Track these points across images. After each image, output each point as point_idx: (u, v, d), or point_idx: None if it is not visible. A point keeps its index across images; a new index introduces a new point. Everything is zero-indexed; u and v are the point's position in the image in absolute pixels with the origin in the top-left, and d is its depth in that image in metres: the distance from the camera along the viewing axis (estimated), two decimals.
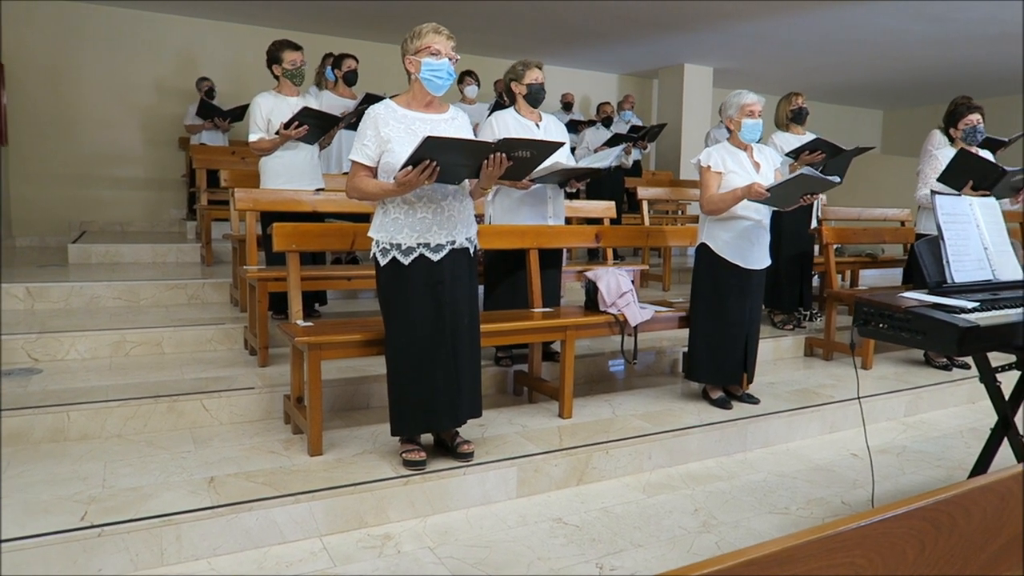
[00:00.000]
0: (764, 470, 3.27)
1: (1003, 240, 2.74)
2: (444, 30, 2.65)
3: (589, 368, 4.09)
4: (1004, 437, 2.60)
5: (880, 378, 4.36)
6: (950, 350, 2.12)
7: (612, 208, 4.87)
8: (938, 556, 1.07)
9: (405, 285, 2.66)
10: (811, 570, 0.94)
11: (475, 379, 2.84)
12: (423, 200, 2.64)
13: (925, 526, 1.06)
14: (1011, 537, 1.18)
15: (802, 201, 3.37)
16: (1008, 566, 1.17)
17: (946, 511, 1.09)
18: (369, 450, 2.92)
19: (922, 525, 1.06)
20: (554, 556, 2.43)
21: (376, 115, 2.65)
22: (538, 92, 3.61)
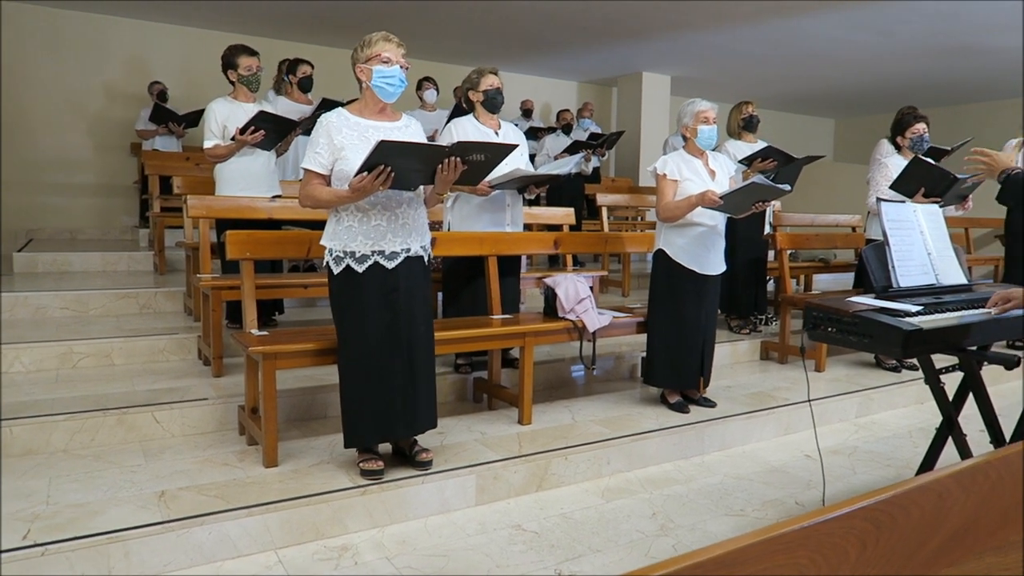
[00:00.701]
0: (721, 473, 3.32)
1: (946, 245, 2.83)
2: (394, 38, 2.65)
3: (549, 374, 4.10)
4: (948, 436, 2.68)
5: (833, 380, 4.46)
6: (895, 353, 2.18)
7: (571, 215, 4.91)
8: (879, 555, 1.09)
9: (359, 293, 2.64)
10: (756, 572, 0.95)
11: (431, 388, 2.83)
12: (377, 207, 2.63)
13: (867, 526, 1.09)
14: (949, 534, 1.21)
15: (754, 208, 3.44)
16: (947, 562, 1.20)
17: (887, 510, 1.12)
18: (326, 460, 2.88)
19: (864, 525, 1.08)
20: (513, 563, 2.43)
21: (329, 123, 2.64)
22: (495, 97, 3.62)
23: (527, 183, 3.74)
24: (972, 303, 2.48)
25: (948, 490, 1.23)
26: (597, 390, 4.06)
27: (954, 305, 2.44)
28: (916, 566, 1.15)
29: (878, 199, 2.74)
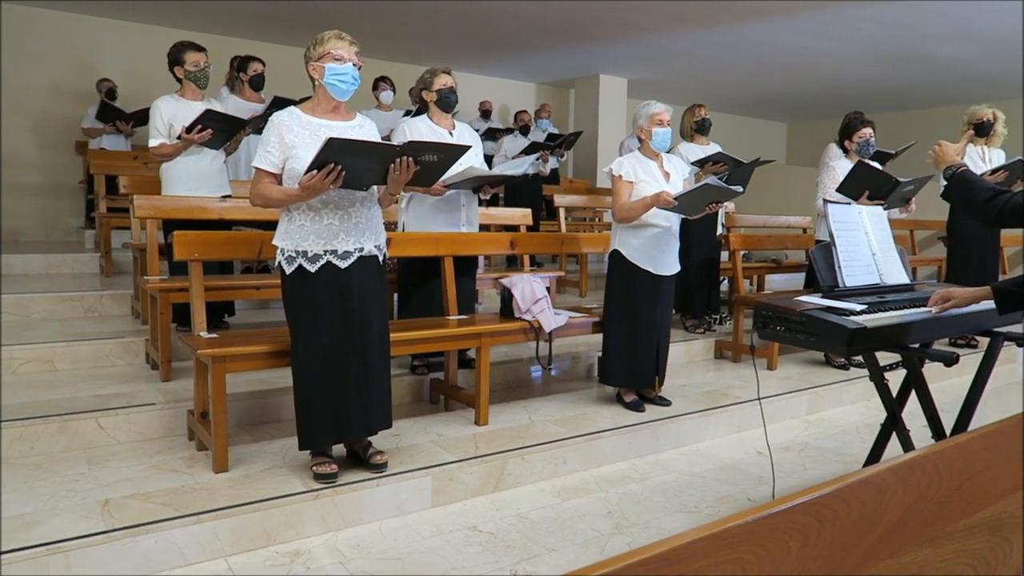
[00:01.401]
0: (675, 470, 3.36)
1: (890, 246, 2.92)
2: (347, 36, 2.63)
3: (506, 374, 4.10)
4: (893, 432, 2.76)
5: (784, 378, 4.55)
6: (840, 351, 2.24)
7: (528, 215, 4.92)
8: (820, 548, 1.12)
9: (312, 294, 2.61)
10: (700, 568, 0.96)
11: (385, 389, 2.81)
12: (329, 206, 2.60)
13: (808, 520, 1.11)
14: (888, 527, 1.24)
15: (708, 209, 3.50)
16: (886, 554, 1.23)
17: (828, 505, 1.14)
18: (278, 465, 2.83)
19: (805, 519, 1.10)
20: (468, 565, 2.42)
21: (280, 122, 2.60)
22: (448, 96, 3.61)
23: (481, 183, 3.73)
24: (914, 302, 2.56)
25: (887, 484, 1.26)
26: (554, 390, 4.08)
27: (897, 304, 2.51)
28: (856, 559, 1.18)
29: (825, 201, 2.81)
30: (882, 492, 1.24)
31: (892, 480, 1.27)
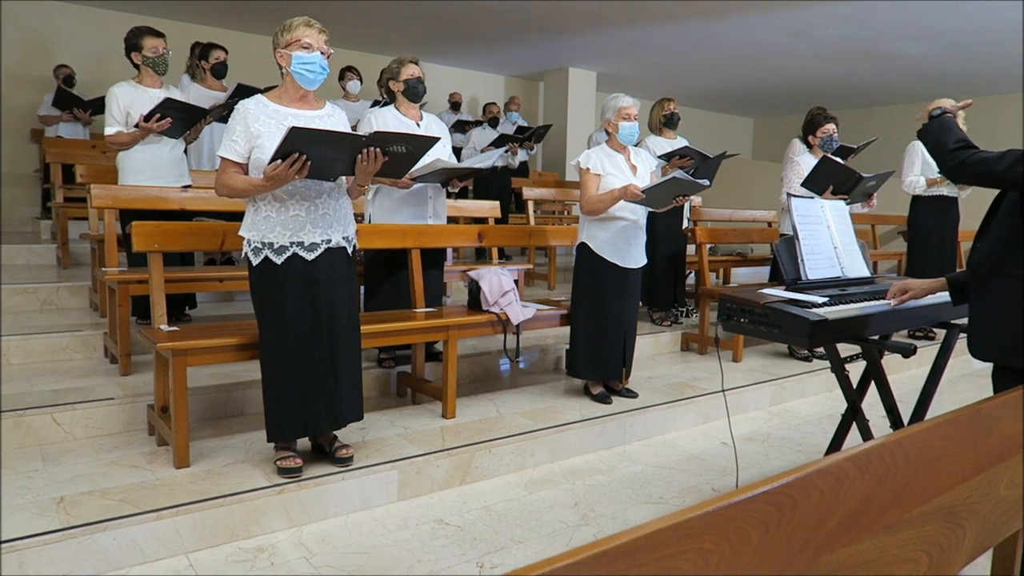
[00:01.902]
0: (642, 462, 3.38)
1: (851, 240, 2.97)
2: (316, 23, 2.58)
3: (474, 367, 4.09)
4: (853, 422, 2.82)
5: (749, 370, 4.61)
6: (802, 342, 2.27)
7: (497, 208, 4.91)
8: (780, 536, 1.13)
9: (279, 285, 2.57)
10: (661, 558, 0.97)
11: (355, 381, 2.78)
12: (295, 197, 2.56)
13: (769, 509, 1.12)
14: (847, 514, 1.26)
15: (675, 202, 3.52)
16: (844, 541, 1.25)
17: (788, 494, 1.15)
18: (242, 459, 2.79)
19: (766, 508, 1.11)
20: (435, 558, 2.41)
21: (246, 110, 2.55)
22: (416, 86, 3.58)
23: (449, 176, 3.71)
24: (874, 295, 2.60)
25: (846, 472, 1.28)
26: (522, 382, 4.08)
27: (857, 296, 2.56)
28: (815, 546, 1.20)
29: (788, 195, 2.84)
30: (840, 481, 1.26)
31: (850, 469, 1.28)
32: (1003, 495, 1.68)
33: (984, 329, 2.04)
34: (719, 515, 1.05)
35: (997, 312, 2.00)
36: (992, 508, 1.63)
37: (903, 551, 1.37)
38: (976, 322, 2.07)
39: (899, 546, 1.37)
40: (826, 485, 1.23)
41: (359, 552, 2.43)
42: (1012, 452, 1.73)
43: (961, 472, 1.55)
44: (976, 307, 2.07)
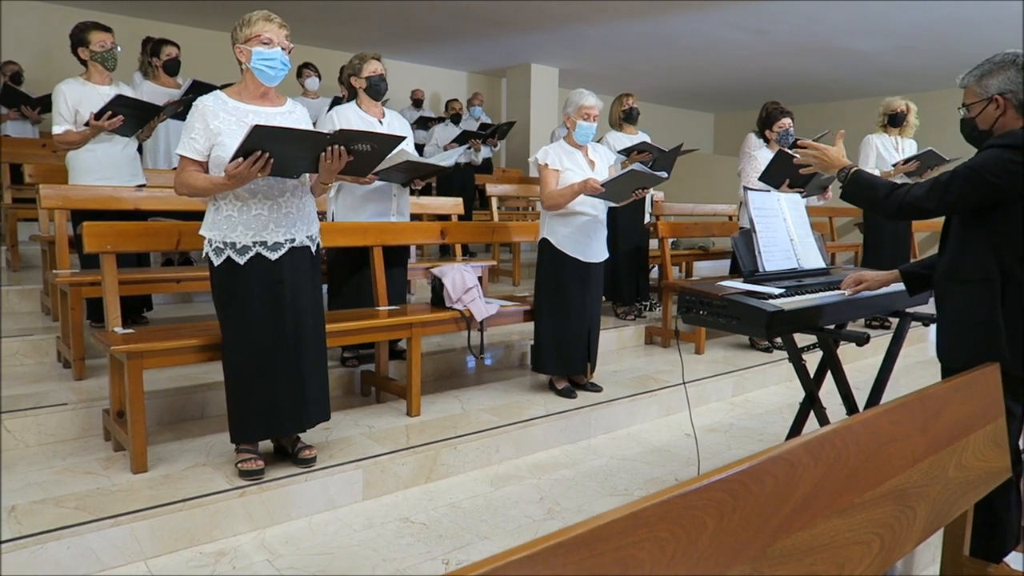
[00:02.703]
0: (607, 455, 3.41)
1: (807, 232, 3.02)
2: (276, 18, 2.55)
3: (439, 364, 4.08)
4: (811, 410, 2.87)
5: (711, 362, 4.68)
6: (760, 333, 2.31)
7: (459, 204, 4.90)
8: (735, 523, 1.15)
9: (242, 286, 2.54)
10: (617, 547, 0.98)
11: (322, 381, 2.76)
12: (258, 196, 2.53)
13: (723, 496, 1.14)
14: (800, 500, 1.29)
15: (634, 196, 3.55)
16: (798, 526, 1.28)
17: (742, 481, 1.18)
18: (202, 463, 2.74)
19: (720, 496, 1.13)
20: (400, 556, 2.40)
21: (204, 107, 2.51)
22: (378, 84, 3.55)
23: (412, 175, 3.69)
24: (829, 285, 2.66)
25: (799, 459, 1.31)
26: (487, 379, 4.08)
27: (813, 288, 2.61)
28: (770, 531, 1.22)
29: (745, 189, 2.88)
30: (794, 467, 1.28)
31: (803, 455, 1.31)
32: (952, 477, 1.73)
33: (947, 334, 2.11)
34: (674, 504, 1.07)
35: (957, 317, 2.07)
36: (941, 490, 1.68)
37: (856, 534, 1.41)
38: (940, 330, 2.13)
39: (852, 529, 1.40)
40: (780, 472, 1.26)
41: (323, 553, 2.41)
42: (960, 435, 1.79)
43: (911, 456, 1.60)
44: (941, 314, 2.14)
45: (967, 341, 2.04)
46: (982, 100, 2.03)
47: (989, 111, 2.03)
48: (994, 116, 2.02)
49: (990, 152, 1.95)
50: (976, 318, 2.01)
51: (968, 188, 1.95)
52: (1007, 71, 1.99)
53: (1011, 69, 1.99)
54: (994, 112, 2.02)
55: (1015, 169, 1.89)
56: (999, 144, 1.94)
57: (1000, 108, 2.00)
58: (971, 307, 2.02)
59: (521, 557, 0.89)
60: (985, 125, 2.04)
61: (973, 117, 2.07)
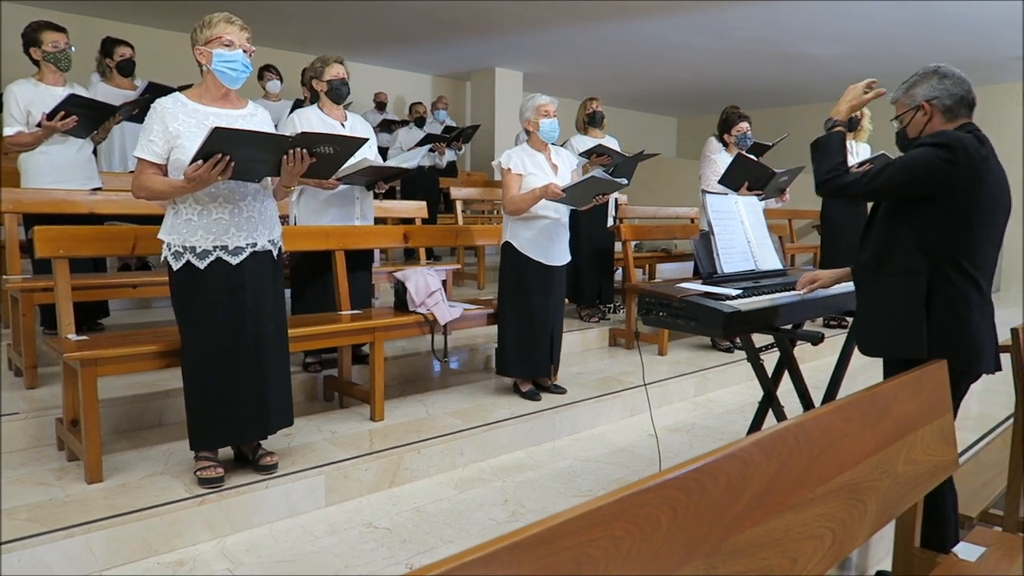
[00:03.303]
0: (571, 456, 3.43)
1: (764, 234, 3.09)
2: (237, 20, 2.52)
3: (403, 369, 4.07)
4: (769, 408, 2.93)
5: (674, 363, 4.73)
6: (717, 334, 2.35)
7: (423, 208, 4.89)
8: (689, 520, 1.17)
9: (202, 290, 2.51)
10: (572, 545, 0.99)
11: (284, 387, 2.73)
12: (218, 200, 2.50)
13: (677, 494, 1.16)
14: (753, 496, 1.32)
15: (595, 201, 3.58)
16: (751, 522, 1.31)
17: (696, 479, 1.20)
18: (160, 471, 2.69)
19: (674, 494, 1.15)
20: (363, 562, 2.39)
21: (163, 109, 2.47)
22: (340, 88, 3.53)
23: (375, 177, 3.67)
24: (786, 286, 2.72)
25: (752, 456, 1.34)
26: (452, 383, 4.08)
27: (769, 288, 2.67)
28: (724, 527, 1.24)
29: (704, 192, 2.93)
30: (747, 464, 1.31)
31: (756, 453, 1.34)
32: (901, 471, 1.78)
33: (870, 325, 2.18)
34: (629, 502, 1.08)
35: (881, 309, 2.14)
36: (891, 484, 1.73)
37: (808, 528, 1.44)
38: (861, 320, 2.20)
39: (804, 524, 1.43)
40: (733, 469, 1.29)
41: (285, 560, 2.38)
42: (909, 431, 1.84)
43: (861, 451, 1.64)
44: (864, 306, 2.21)
45: (889, 332, 2.12)
46: (911, 109, 2.15)
47: (918, 118, 2.14)
48: (922, 123, 2.14)
49: (921, 149, 2.04)
50: (901, 310, 2.08)
51: (900, 177, 2.05)
52: (930, 80, 2.11)
53: (933, 78, 2.11)
54: (922, 119, 2.13)
55: (942, 166, 1.98)
56: (931, 143, 2.03)
57: (927, 114, 2.12)
58: (897, 299, 2.10)
59: (476, 558, 0.89)
60: (915, 132, 2.16)
61: (905, 127, 2.17)
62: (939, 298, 2.04)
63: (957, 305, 2.04)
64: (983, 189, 2.01)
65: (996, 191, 2.05)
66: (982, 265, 2.07)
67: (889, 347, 2.13)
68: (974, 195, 2.00)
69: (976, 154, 2.00)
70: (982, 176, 2.01)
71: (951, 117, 2.10)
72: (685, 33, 8.16)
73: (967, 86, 2.10)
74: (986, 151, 2.04)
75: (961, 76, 2.11)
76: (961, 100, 2.09)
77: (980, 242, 2.04)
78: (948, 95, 2.09)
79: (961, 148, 1.98)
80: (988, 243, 2.07)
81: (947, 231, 2.02)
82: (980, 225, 2.03)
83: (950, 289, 2.04)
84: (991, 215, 2.05)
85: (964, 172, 1.98)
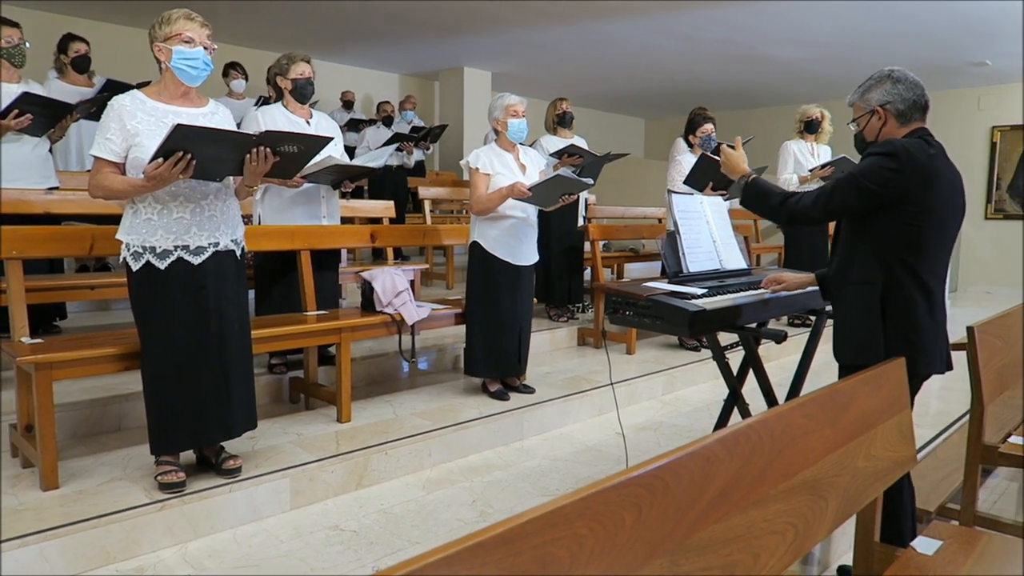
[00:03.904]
0: (539, 456, 3.43)
1: (729, 234, 3.12)
2: (198, 17, 2.48)
3: (371, 370, 4.03)
4: (734, 406, 2.96)
5: (642, 362, 4.77)
6: (683, 332, 2.37)
7: (391, 207, 4.86)
8: (653, 518, 1.17)
9: (162, 292, 2.46)
10: (536, 545, 0.98)
11: (248, 389, 2.70)
12: (179, 199, 2.45)
13: (641, 492, 1.16)
14: (716, 493, 1.33)
15: (562, 201, 3.59)
16: (715, 519, 1.32)
17: (659, 476, 1.20)
18: (119, 477, 2.63)
19: (638, 491, 1.16)
20: (329, 565, 2.36)
21: (121, 106, 2.42)
22: (304, 87, 3.49)
23: (341, 176, 3.64)
24: (750, 285, 2.75)
25: (715, 454, 1.35)
26: (420, 383, 4.05)
27: (734, 287, 2.70)
28: (688, 524, 1.25)
29: (669, 192, 2.96)
30: (710, 461, 1.32)
31: (719, 450, 1.35)
32: (861, 466, 1.81)
33: (839, 334, 2.22)
34: (593, 500, 1.08)
35: (846, 318, 2.19)
36: (851, 479, 1.76)
37: (771, 524, 1.46)
38: (834, 329, 2.25)
39: (767, 520, 1.45)
40: (696, 467, 1.29)
41: (249, 565, 2.34)
42: (868, 427, 1.87)
43: (822, 447, 1.67)
44: (834, 315, 2.26)
45: (853, 341, 2.17)
46: (866, 113, 2.19)
47: (873, 122, 2.18)
48: (877, 127, 2.17)
49: (868, 160, 2.08)
50: (860, 319, 2.13)
51: (849, 196, 2.09)
52: (884, 84, 2.15)
53: (887, 82, 2.15)
54: (877, 123, 2.17)
55: (892, 176, 2.02)
56: (876, 152, 2.07)
57: (882, 119, 2.15)
58: (857, 308, 2.14)
59: (439, 558, 0.89)
60: (871, 136, 2.19)
61: (862, 130, 2.21)
62: (892, 304, 2.09)
63: (908, 312, 2.08)
64: (932, 193, 2.05)
65: (948, 195, 2.09)
66: (934, 268, 2.11)
67: (855, 355, 2.16)
68: (923, 200, 2.04)
69: (923, 159, 2.04)
70: (930, 181, 2.04)
71: (904, 121, 2.14)
72: (652, 35, 8.22)
73: (920, 90, 2.14)
74: (935, 154, 2.08)
75: (914, 80, 2.14)
76: (914, 104, 2.13)
77: (931, 246, 2.08)
78: (901, 99, 2.12)
79: (906, 155, 2.02)
80: (940, 247, 2.11)
81: (898, 237, 2.06)
82: (931, 229, 2.07)
83: (901, 296, 2.08)
84: (942, 219, 2.09)
85: (911, 178, 2.02)
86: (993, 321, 2.68)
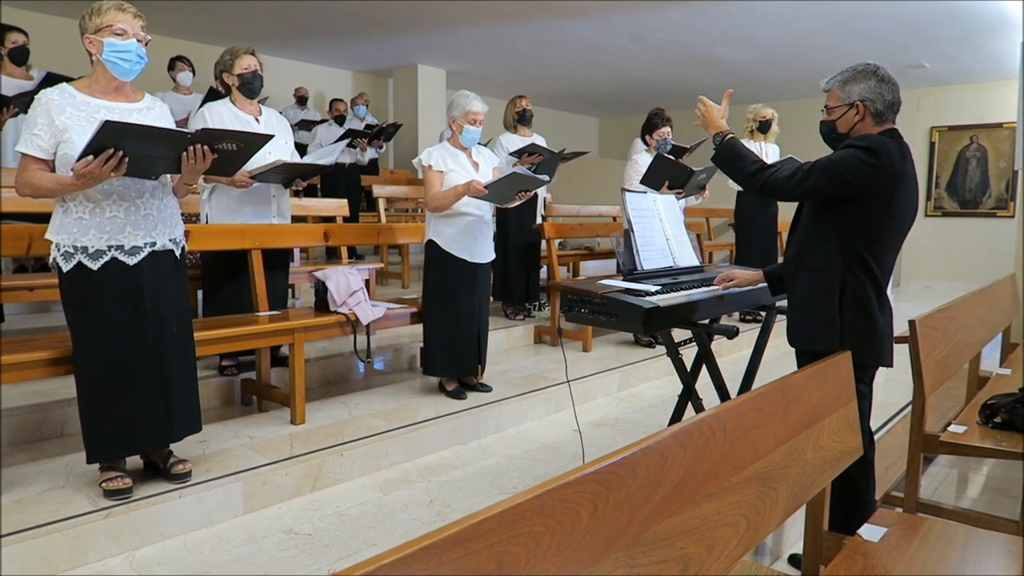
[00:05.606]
0: (496, 454, 3.43)
1: (682, 231, 3.16)
2: (130, 7, 2.39)
3: (325, 370, 3.98)
4: (688, 401, 3.01)
5: (598, 359, 4.80)
6: (637, 329, 2.39)
7: (344, 206, 4.80)
8: (609, 513, 1.18)
9: (96, 293, 2.37)
10: (492, 543, 0.98)
11: (190, 392, 2.61)
12: (112, 197, 2.36)
13: (597, 488, 1.17)
14: (671, 487, 1.34)
15: (518, 198, 3.59)
16: (670, 512, 1.33)
17: (615, 472, 1.21)
18: (61, 484, 2.54)
19: (594, 487, 1.16)
20: (283, 570, 2.32)
21: (48, 101, 2.32)
22: (251, 81, 3.41)
23: (292, 175, 3.57)
24: (703, 282, 2.80)
25: (669, 448, 1.36)
26: (376, 383, 4.01)
27: (687, 284, 2.74)
28: (643, 518, 1.27)
29: (623, 190, 2.99)
30: (664, 456, 1.34)
31: (673, 444, 1.37)
32: (810, 457, 1.86)
33: (794, 319, 2.27)
34: (548, 498, 1.09)
35: (802, 303, 2.23)
36: (801, 470, 1.80)
37: (723, 516, 1.48)
38: (790, 313, 2.29)
39: (720, 512, 1.47)
40: (651, 461, 1.31)
41: (200, 571, 2.29)
42: (816, 419, 1.92)
43: (773, 440, 1.70)
44: (790, 300, 2.30)
45: (808, 326, 2.21)
46: (843, 105, 2.19)
47: (849, 116, 2.19)
48: (853, 121, 2.19)
49: (849, 151, 2.11)
50: (817, 304, 2.18)
51: (825, 179, 2.11)
52: (868, 80, 2.16)
53: (872, 79, 2.16)
54: (853, 117, 2.18)
55: (868, 171, 2.06)
56: (857, 145, 2.10)
57: (859, 114, 2.17)
58: (813, 294, 2.19)
59: (394, 559, 0.88)
60: (844, 129, 2.21)
61: (833, 120, 2.23)
62: (848, 294, 2.14)
63: (863, 301, 2.14)
64: (899, 194, 2.11)
65: (910, 198, 2.16)
66: (886, 265, 2.18)
67: (808, 340, 2.21)
68: (890, 199, 2.09)
69: (898, 160, 2.10)
70: (900, 182, 2.10)
71: (880, 121, 2.17)
72: (604, 34, 8.29)
73: (898, 92, 2.18)
74: (907, 157, 2.14)
75: (895, 81, 2.17)
76: (891, 106, 2.17)
77: (888, 243, 2.15)
78: (882, 100, 2.14)
79: (885, 152, 2.07)
80: (894, 245, 2.18)
81: (861, 231, 2.11)
82: (890, 228, 2.13)
83: (857, 286, 2.14)
84: (900, 220, 2.15)
85: (886, 176, 2.07)
86: (933, 315, 2.78)
